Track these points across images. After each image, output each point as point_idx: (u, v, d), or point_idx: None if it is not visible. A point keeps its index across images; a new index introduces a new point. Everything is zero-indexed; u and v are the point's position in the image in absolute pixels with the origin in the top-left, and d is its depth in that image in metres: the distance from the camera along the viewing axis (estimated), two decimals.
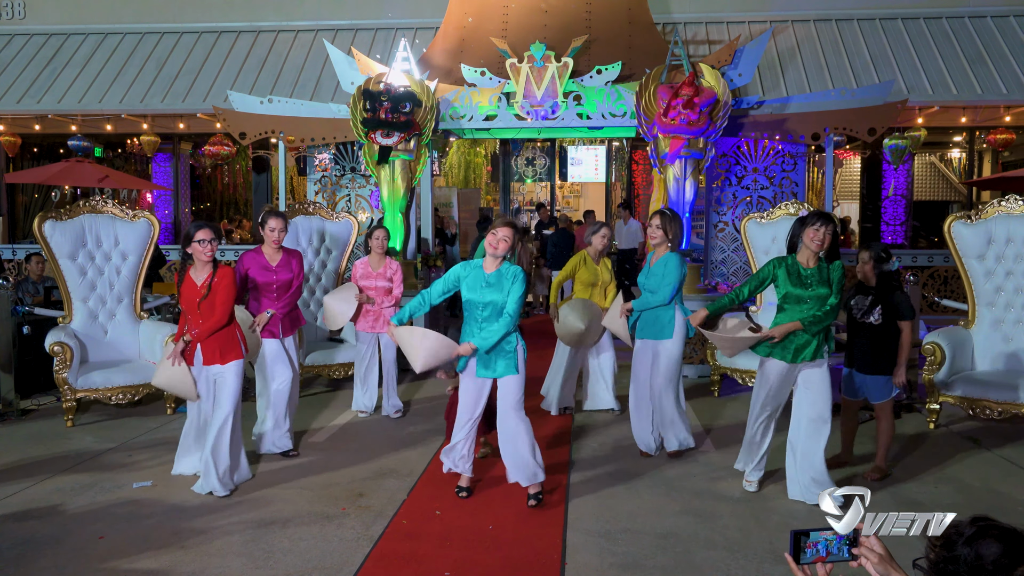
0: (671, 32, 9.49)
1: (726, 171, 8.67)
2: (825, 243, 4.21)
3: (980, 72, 9.60)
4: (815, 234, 4.21)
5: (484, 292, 4.19)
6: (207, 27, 11.28)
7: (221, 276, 4.48)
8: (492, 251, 4.19)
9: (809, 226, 4.23)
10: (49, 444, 5.51)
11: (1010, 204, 5.93)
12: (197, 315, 4.44)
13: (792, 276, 4.29)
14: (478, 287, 4.21)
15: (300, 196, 13.10)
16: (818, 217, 4.26)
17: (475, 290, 4.21)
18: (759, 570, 3.56)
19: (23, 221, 12.75)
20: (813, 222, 4.23)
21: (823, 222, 4.22)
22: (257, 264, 5.15)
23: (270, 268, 5.17)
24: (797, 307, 4.26)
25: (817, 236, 4.20)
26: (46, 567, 3.57)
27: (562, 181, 15.78)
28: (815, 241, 4.21)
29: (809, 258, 4.29)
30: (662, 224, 5.02)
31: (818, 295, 4.22)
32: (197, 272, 4.49)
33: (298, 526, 4.04)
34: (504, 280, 4.19)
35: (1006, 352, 5.94)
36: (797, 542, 1.69)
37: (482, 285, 4.20)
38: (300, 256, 5.36)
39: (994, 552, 1.41)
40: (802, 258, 4.31)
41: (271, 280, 5.15)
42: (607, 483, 4.65)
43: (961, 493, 4.58)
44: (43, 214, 6.20)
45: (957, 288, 9.28)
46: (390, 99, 7.71)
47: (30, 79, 10.66)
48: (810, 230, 4.22)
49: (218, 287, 4.46)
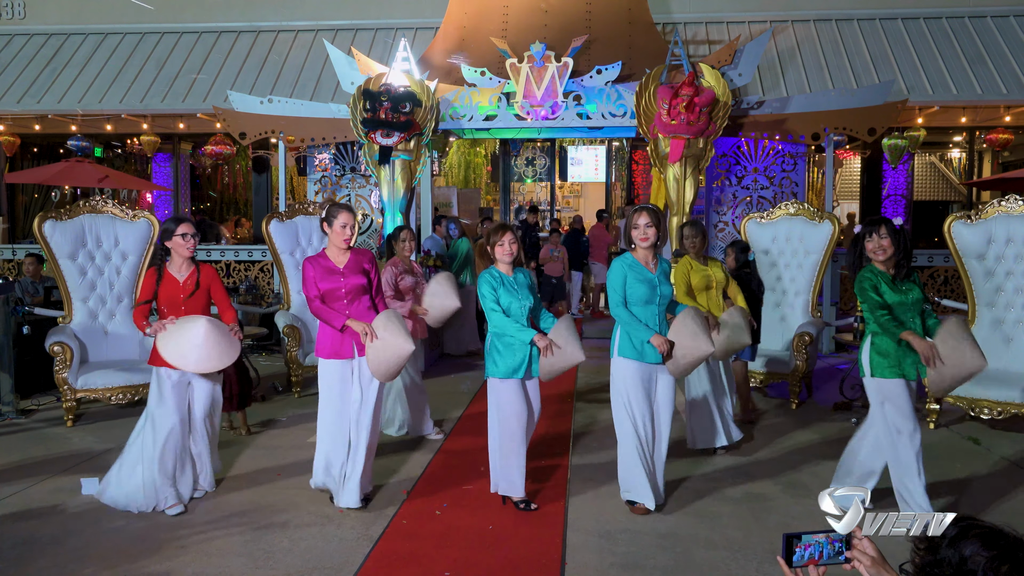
0: (671, 32, 9.49)
1: (726, 171, 8.68)
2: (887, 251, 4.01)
3: (980, 72, 9.60)
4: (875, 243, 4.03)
5: (521, 293, 4.32)
6: (207, 27, 11.28)
7: (210, 274, 4.38)
8: (508, 257, 4.32)
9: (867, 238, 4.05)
10: (49, 444, 5.52)
11: (1010, 204, 5.93)
12: (181, 313, 4.28)
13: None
14: (514, 291, 4.31)
15: (300, 196, 13.10)
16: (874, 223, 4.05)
17: (513, 294, 4.29)
18: (759, 570, 3.56)
19: (23, 221, 12.75)
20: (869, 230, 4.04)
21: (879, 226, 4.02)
22: (321, 268, 4.29)
23: (336, 271, 4.31)
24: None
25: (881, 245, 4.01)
26: (46, 567, 3.57)
27: (562, 181, 15.78)
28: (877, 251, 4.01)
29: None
30: (653, 221, 4.20)
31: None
32: (177, 269, 4.32)
33: (298, 526, 4.04)
34: (528, 281, 4.43)
35: (1006, 352, 5.95)
36: (789, 545, 1.70)
37: (515, 288, 4.33)
38: (371, 256, 4.49)
39: (977, 552, 1.40)
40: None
41: (338, 286, 4.28)
42: (607, 483, 4.65)
43: (961, 493, 4.57)
44: (43, 214, 6.20)
45: (957, 288, 9.28)
46: (390, 99, 7.71)
47: (30, 79, 10.65)
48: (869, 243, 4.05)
49: (209, 285, 4.35)
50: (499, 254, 4.32)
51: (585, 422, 6.08)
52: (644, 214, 4.19)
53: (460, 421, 6.12)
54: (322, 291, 4.24)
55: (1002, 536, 1.42)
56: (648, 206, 4.26)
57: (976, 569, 1.39)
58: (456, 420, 6.16)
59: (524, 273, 4.44)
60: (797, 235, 6.91)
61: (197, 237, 4.34)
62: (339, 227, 4.26)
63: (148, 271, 4.42)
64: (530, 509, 4.25)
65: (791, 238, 6.94)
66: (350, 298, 4.29)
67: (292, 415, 6.33)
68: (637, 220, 4.19)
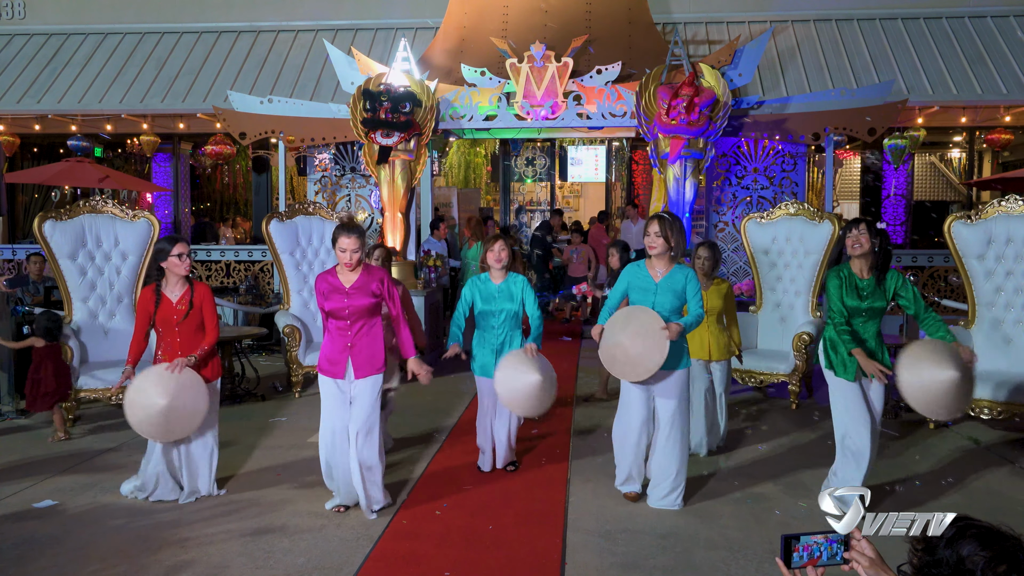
0: (671, 32, 9.49)
1: (726, 171, 8.68)
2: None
3: (980, 72, 9.60)
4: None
5: (497, 302, 4.73)
6: (207, 27, 11.27)
7: (202, 293, 4.34)
8: (498, 264, 4.72)
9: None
10: (49, 444, 5.52)
11: (1010, 204, 5.93)
12: (175, 335, 4.27)
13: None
14: (491, 299, 4.74)
15: (300, 196, 13.09)
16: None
17: (488, 302, 4.74)
18: (759, 570, 3.57)
19: (23, 221, 12.75)
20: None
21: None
22: (328, 285, 4.17)
23: (341, 290, 4.16)
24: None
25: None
26: (46, 567, 3.57)
27: (562, 181, 15.77)
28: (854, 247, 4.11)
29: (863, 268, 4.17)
30: (662, 230, 4.18)
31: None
32: (170, 289, 4.29)
33: (298, 526, 4.05)
34: (513, 289, 4.74)
35: (1006, 352, 5.94)
36: (787, 546, 1.70)
37: (494, 296, 4.74)
38: (382, 275, 4.24)
39: (975, 552, 1.41)
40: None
41: (341, 306, 4.15)
42: (607, 483, 4.65)
43: (961, 493, 4.58)
44: (43, 214, 6.21)
45: (957, 288, 9.27)
46: (390, 99, 7.71)
47: (30, 79, 10.65)
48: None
49: (202, 305, 4.32)
50: (490, 260, 4.73)
51: (585, 422, 6.08)
52: (655, 222, 4.21)
53: (460, 422, 6.12)
54: (327, 309, 4.17)
55: (1000, 536, 1.42)
56: (662, 215, 4.26)
57: (974, 569, 1.39)
58: (456, 420, 6.15)
59: (515, 280, 4.76)
60: (797, 235, 6.90)
61: (191, 256, 4.32)
62: (339, 252, 4.12)
63: (144, 291, 4.38)
64: (482, 471, 4.86)
65: (791, 238, 6.94)
66: (353, 319, 4.15)
67: (292, 415, 6.33)
68: (648, 228, 4.25)
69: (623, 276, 4.35)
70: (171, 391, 4.11)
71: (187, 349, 4.30)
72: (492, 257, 4.73)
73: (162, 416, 4.11)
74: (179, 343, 4.30)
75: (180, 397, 4.14)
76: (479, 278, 4.81)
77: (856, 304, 4.11)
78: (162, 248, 4.26)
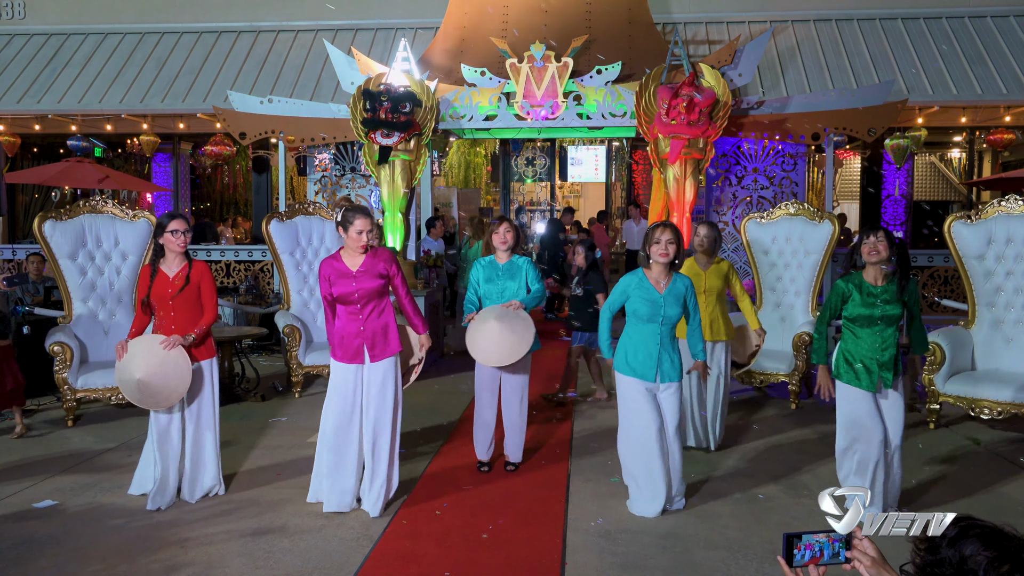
0: (671, 32, 9.48)
1: (726, 171, 8.68)
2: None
3: (980, 72, 9.60)
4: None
5: (500, 280, 4.85)
6: (207, 27, 11.28)
7: (200, 270, 4.33)
8: (504, 245, 4.85)
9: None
10: (49, 444, 5.52)
11: (1010, 204, 5.93)
12: (169, 309, 4.25)
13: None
14: (496, 278, 4.86)
15: (300, 196, 13.09)
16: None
17: (493, 280, 4.86)
18: (759, 570, 3.57)
19: (23, 221, 12.75)
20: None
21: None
22: (334, 270, 4.17)
23: (349, 274, 4.16)
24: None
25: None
26: (46, 567, 3.57)
27: (562, 181, 15.77)
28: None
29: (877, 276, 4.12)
30: (675, 238, 4.16)
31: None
32: (168, 265, 4.30)
33: (298, 526, 4.04)
34: (517, 269, 4.86)
35: (1006, 352, 5.94)
36: (789, 545, 1.70)
37: (499, 275, 4.86)
38: (388, 255, 4.28)
39: (978, 552, 1.40)
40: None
41: (350, 290, 4.14)
42: (607, 483, 4.65)
43: (961, 493, 4.57)
44: (43, 214, 6.21)
45: (957, 288, 9.27)
46: (390, 99, 7.70)
47: (30, 79, 10.65)
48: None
49: (199, 281, 4.31)
50: (496, 241, 4.86)
51: (585, 423, 6.08)
52: (668, 230, 4.13)
53: (460, 421, 6.12)
54: (335, 294, 4.15)
55: (1002, 536, 1.42)
56: (671, 224, 4.24)
57: (977, 569, 1.39)
58: (456, 420, 6.15)
59: (519, 261, 4.89)
60: (797, 235, 6.90)
61: (189, 234, 4.31)
62: (355, 233, 4.09)
63: (143, 268, 4.40)
64: (481, 471, 4.89)
65: (791, 238, 6.93)
66: (363, 302, 4.16)
67: (292, 415, 6.33)
68: (660, 235, 4.11)
69: (621, 285, 4.23)
70: (152, 367, 4.13)
71: (182, 327, 4.27)
72: (497, 239, 4.86)
73: (136, 389, 4.15)
74: (173, 318, 4.26)
75: (158, 376, 4.14)
76: (482, 260, 4.94)
77: (868, 312, 4.03)
78: (160, 223, 4.29)
